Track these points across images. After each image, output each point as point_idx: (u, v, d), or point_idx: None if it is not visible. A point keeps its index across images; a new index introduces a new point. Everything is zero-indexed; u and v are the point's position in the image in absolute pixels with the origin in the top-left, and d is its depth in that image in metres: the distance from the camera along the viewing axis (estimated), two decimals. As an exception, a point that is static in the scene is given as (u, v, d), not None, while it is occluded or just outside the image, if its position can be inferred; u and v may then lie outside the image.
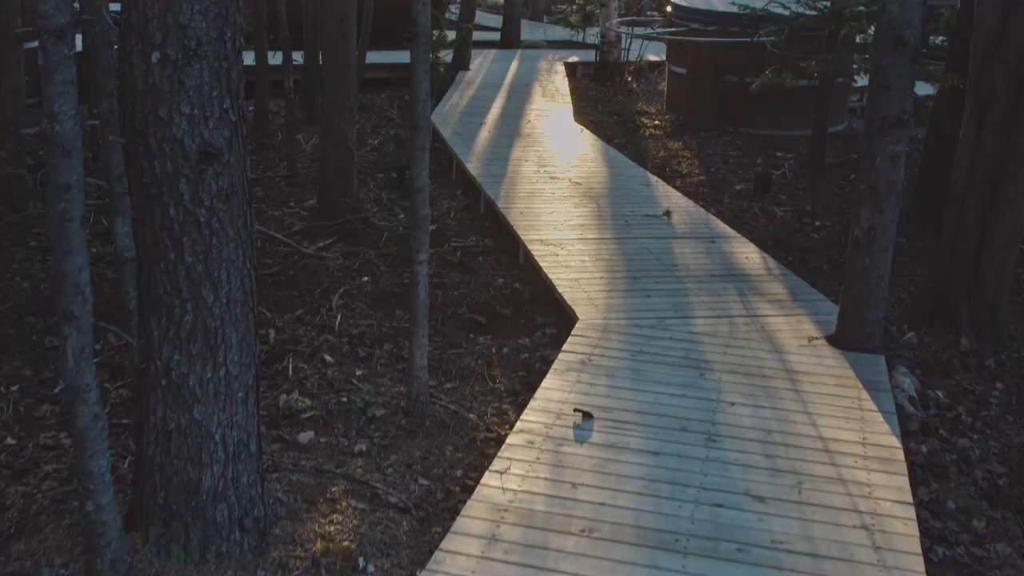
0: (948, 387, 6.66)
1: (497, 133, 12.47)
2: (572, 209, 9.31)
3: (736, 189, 11.40)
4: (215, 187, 3.67)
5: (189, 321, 3.78)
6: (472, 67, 17.65)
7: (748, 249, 8.51)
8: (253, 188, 10.18)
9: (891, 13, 5.84)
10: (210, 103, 3.57)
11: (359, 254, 8.57)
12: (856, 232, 6.39)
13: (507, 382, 6.39)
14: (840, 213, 10.69)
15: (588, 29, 22.05)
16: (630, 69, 18.40)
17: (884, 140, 6.06)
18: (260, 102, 12.87)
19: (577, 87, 17.39)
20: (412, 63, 4.98)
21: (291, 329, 6.99)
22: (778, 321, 6.96)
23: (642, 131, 14.29)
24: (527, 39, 21.88)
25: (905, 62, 5.90)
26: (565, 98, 15.24)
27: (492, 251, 8.82)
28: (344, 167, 9.01)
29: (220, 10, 3.51)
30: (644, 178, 10.62)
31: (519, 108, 14.26)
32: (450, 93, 15.28)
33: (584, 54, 20.02)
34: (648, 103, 16.64)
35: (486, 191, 9.74)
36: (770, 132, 14.14)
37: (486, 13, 27.41)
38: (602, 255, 8.09)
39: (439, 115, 13.54)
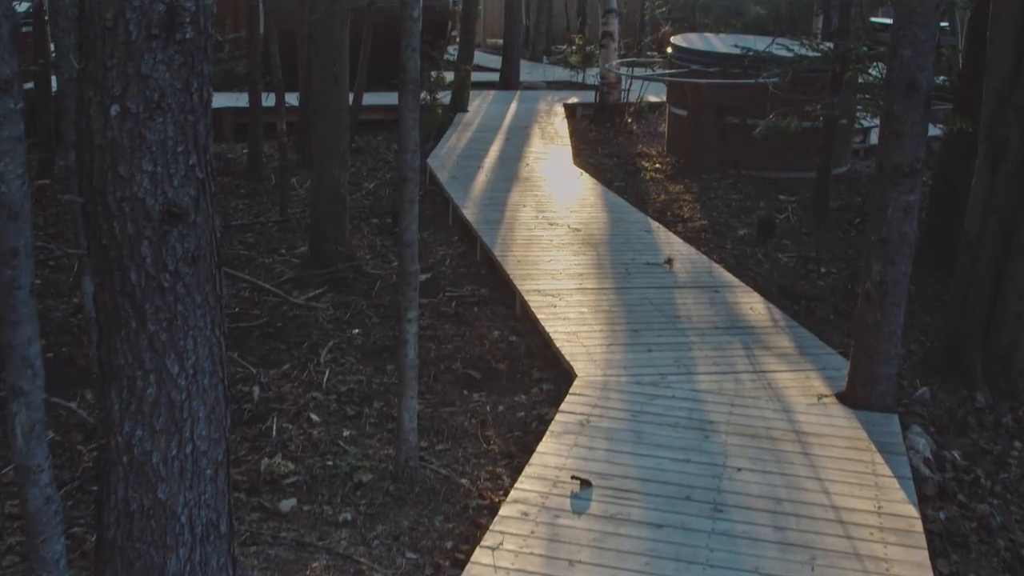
0: (964, 447, 6.35)
1: (495, 177, 12.23)
2: (571, 257, 9.03)
3: (739, 234, 11.15)
4: (180, 250, 3.38)
5: (152, 394, 3.49)
6: (471, 108, 17.47)
7: (752, 299, 8.22)
8: (245, 235, 9.93)
9: (903, 57, 5.59)
10: (175, 159, 3.29)
11: (351, 304, 8.28)
12: (867, 285, 6.10)
13: (502, 443, 6.09)
14: (846, 259, 10.44)
15: (588, 70, 21.92)
16: (630, 110, 18.22)
17: (896, 190, 5.79)
18: (253, 145, 12.66)
19: (577, 129, 17.19)
20: (401, 111, 4.73)
21: (277, 386, 6.69)
22: (785, 377, 6.66)
23: (643, 174, 14.06)
24: (527, 80, 21.75)
25: (918, 108, 5.65)
26: (564, 140, 15.02)
27: (488, 301, 8.54)
28: (336, 214, 8.75)
29: (185, 59, 3.24)
30: (645, 224, 10.35)
31: (518, 151, 14.03)
32: (448, 135, 15.07)
33: (584, 95, 19.87)
34: (648, 145, 16.44)
35: (482, 238, 9.47)
36: (772, 174, 13.93)
37: (486, 54, 27.33)
38: (602, 306, 7.80)
39: (436, 158, 13.31)
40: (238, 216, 11.13)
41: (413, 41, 4.55)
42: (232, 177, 12.85)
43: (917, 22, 5.51)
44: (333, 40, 8.28)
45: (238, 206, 11.57)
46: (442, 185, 11.74)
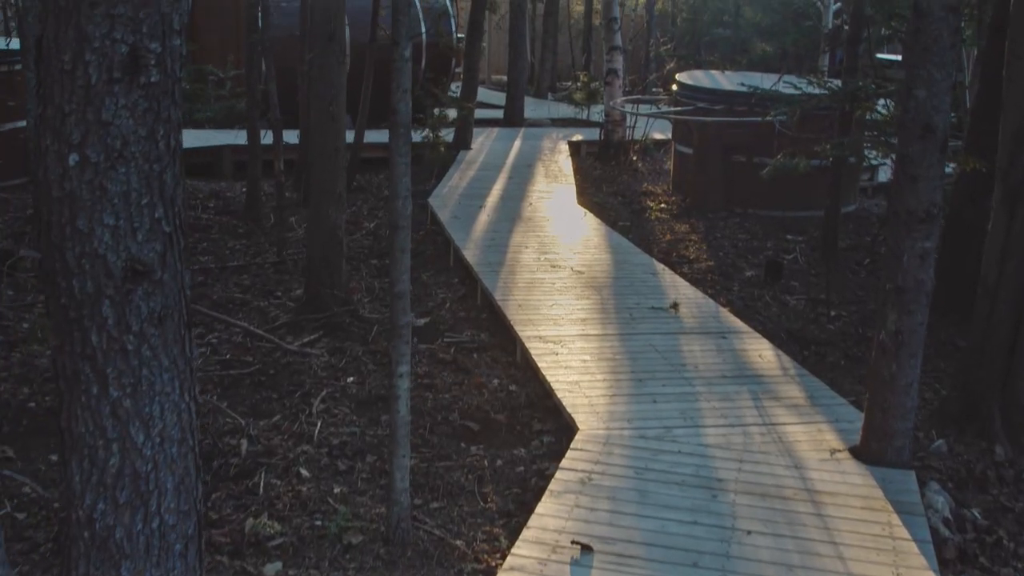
0: (985, 504, 6.06)
1: (497, 217, 12.00)
2: (574, 301, 8.77)
3: (746, 276, 10.90)
4: (145, 310, 3.13)
5: (115, 465, 3.22)
6: (474, 146, 17.28)
7: (761, 345, 7.95)
8: (241, 276, 9.68)
9: (918, 98, 5.35)
10: (139, 212, 3.04)
11: (346, 350, 8.02)
12: (882, 336, 5.83)
13: (499, 501, 5.80)
14: (856, 301, 10.19)
15: (592, 107, 21.77)
16: (635, 148, 18.02)
17: (912, 236, 5.54)
18: (252, 183, 12.45)
19: (581, 166, 16.99)
20: (392, 155, 4.49)
21: (266, 438, 6.42)
22: (796, 430, 6.37)
23: (648, 213, 13.83)
24: (531, 117, 21.60)
25: (934, 151, 5.40)
26: (568, 179, 14.81)
27: (488, 347, 8.27)
28: (332, 257, 8.51)
29: (150, 104, 3.00)
30: (650, 266, 10.10)
31: (521, 190, 13.82)
32: (450, 174, 14.86)
33: (588, 132, 19.69)
34: (654, 183, 16.23)
35: (483, 281, 9.22)
36: (779, 213, 13.72)
37: (490, 90, 27.23)
38: (605, 354, 7.53)
39: (438, 197, 13.09)
40: (235, 257, 10.90)
41: (404, 82, 4.32)
42: (230, 216, 12.63)
43: (932, 62, 5.28)
44: (330, 79, 8.07)
45: (235, 246, 11.34)
46: (443, 225, 11.51)
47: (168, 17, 3.00)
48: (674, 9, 29.46)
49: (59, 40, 2.93)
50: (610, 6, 18.54)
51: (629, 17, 29.97)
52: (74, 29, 2.91)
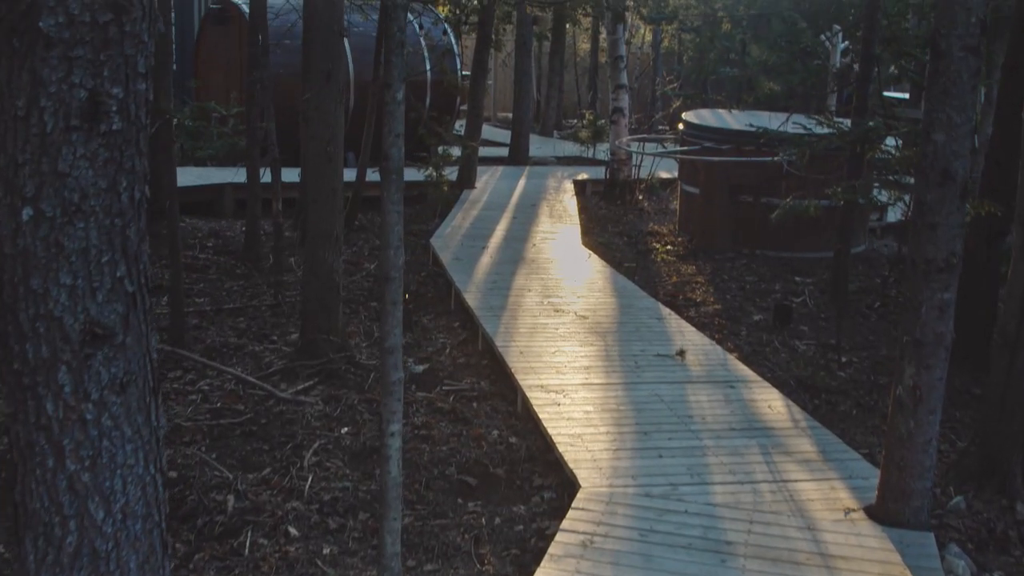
0: (1006, 567, 5.76)
1: (500, 258, 11.76)
2: (577, 348, 8.50)
3: (754, 320, 10.65)
4: (106, 376, 2.88)
5: (72, 543, 2.96)
6: (478, 185, 17.09)
7: (771, 396, 7.68)
8: (237, 319, 9.44)
9: (936, 143, 5.11)
10: (98, 271, 2.80)
11: (341, 399, 7.76)
12: (899, 391, 5.56)
13: (497, 563, 5.52)
14: (867, 347, 9.93)
15: (598, 145, 21.62)
16: (641, 187, 17.83)
17: (930, 287, 5.28)
18: (251, 223, 12.24)
19: (586, 206, 16.80)
20: (383, 203, 4.25)
21: (255, 493, 6.15)
22: (808, 488, 6.09)
23: (654, 254, 13.60)
24: (536, 155, 21.45)
25: (953, 198, 5.16)
26: (573, 219, 14.59)
27: (488, 396, 8.00)
28: (329, 301, 8.27)
29: (112, 154, 2.76)
30: (655, 310, 9.84)
31: (524, 230, 13.60)
32: (453, 214, 14.65)
33: (594, 171, 19.53)
34: (660, 223, 16.02)
35: (484, 326, 8.96)
36: (787, 254, 13.50)
37: (496, 128, 27.12)
38: (608, 404, 7.26)
39: (440, 238, 12.87)
40: (232, 299, 10.67)
41: (396, 126, 4.09)
42: (229, 256, 12.42)
43: (951, 104, 5.04)
44: (327, 118, 7.86)
45: (233, 287, 11.11)
46: (445, 267, 11.28)
47: (132, 60, 2.77)
48: (680, 47, 29.38)
49: (12, 84, 2.70)
50: (616, 45, 18.42)
51: (635, 55, 29.90)
52: (28, 72, 2.67)
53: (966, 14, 4.92)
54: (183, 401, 7.64)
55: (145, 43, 2.79)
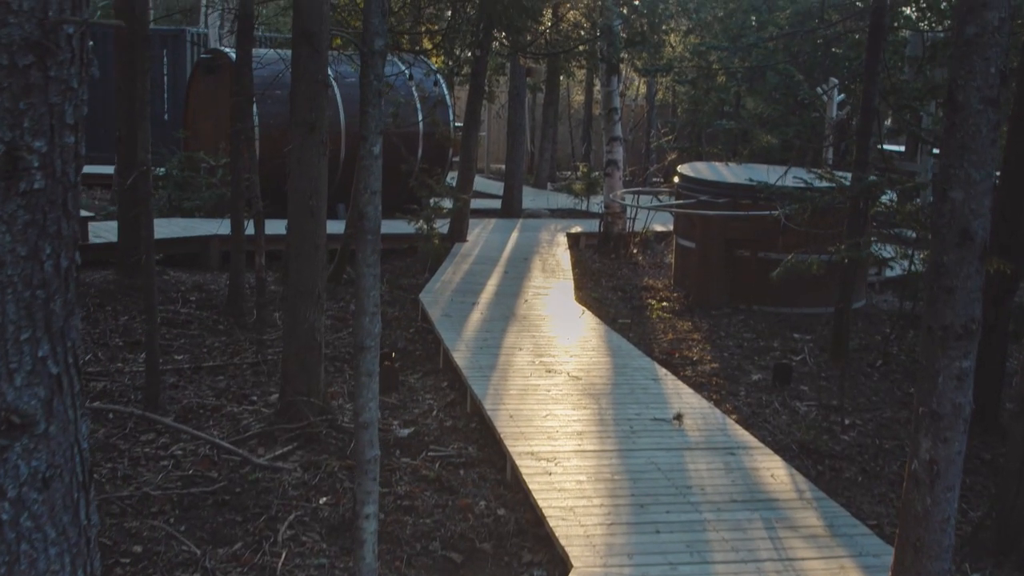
0: (1030, 654, 5.37)
1: (491, 315, 11.41)
2: (570, 412, 8.11)
3: (753, 379, 10.30)
4: (25, 470, 2.51)
5: (-14, 663, 2.59)
6: (470, 238, 16.78)
7: (773, 463, 7.29)
8: (216, 378, 9.06)
9: (954, 201, 4.77)
10: (16, 350, 2.44)
11: (321, 465, 7.36)
12: (915, 466, 5.18)
13: (482, 651, 5.12)
14: (870, 408, 9.58)
15: (592, 197, 21.38)
16: (635, 241, 17.53)
17: (947, 355, 4.92)
18: (235, 277, 11.88)
19: (580, 260, 16.49)
20: (358, 265, 3.92)
21: (223, 572, 5.74)
22: (817, 567, 5.69)
23: (648, 310, 13.25)
24: (529, 207, 21.20)
25: (972, 260, 4.81)
26: (566, 273, 14.26)
27: (476, 462, 7.60)
28: (309, 362, 7.89)
29: (33, 216, 2.42)
30: (651, 370, 9.46)
31: (516, 285, 13.26)
32: (444, 268, 14.32)
33: (588, 223, 19.27)
34: (654, 277, 15.71)
35: (472, 388, 8.58)
36: (786, 310, 13.17)
37: (489, 180, 26.93)
38: (603, 473, 6.86)
39: (429, 293, 12.52)
40: (212, 356, 10.29)
41: (372, 183, 3.76)
42: (212, 311, 12.05)
43: (970, 160, 4.71)
44: (309, 171, 7.54)
45: (214, 344, 10.73)
46: (433, 324, 10.92)
47: (58, 108, 2.43)
48: (674, 99, 29.24)
49: (-83, 136, 2.36)
50: (610, 97, 18.21)
51: (629, 107, 29.78)
52: (-64, 123, 2.34)
53: (984, 64, 4.61)
54: (154, 467, 7.24)
55: (74, 90, 2.46)
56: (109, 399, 8.80)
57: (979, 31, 4.61)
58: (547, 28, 18.19)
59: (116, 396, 8.88)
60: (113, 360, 9.94)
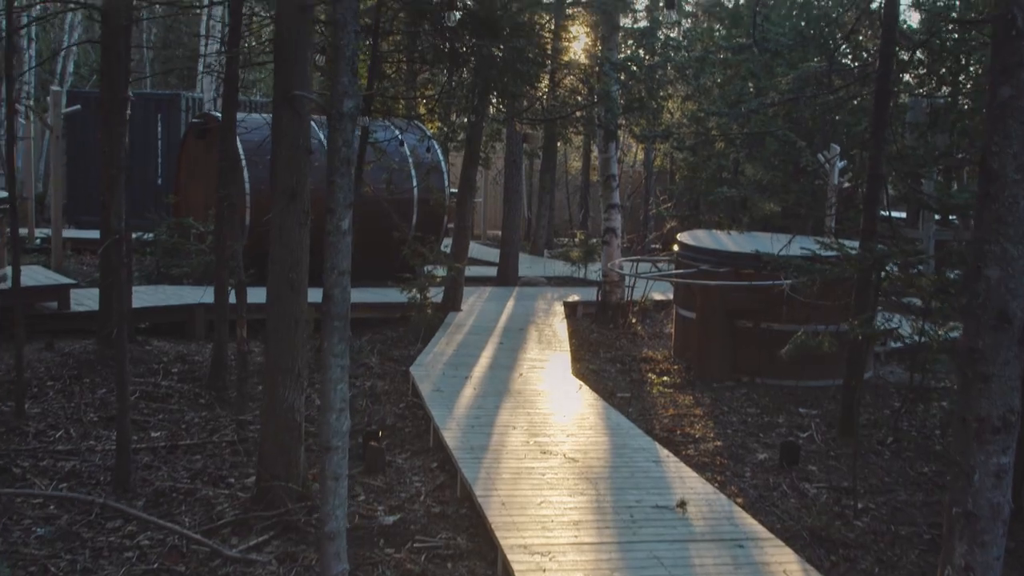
0: None
1: (484, 390, 10.90)
2: (566, 498, 7.57)
3: (759, 459, 9.81)
4: None
5: None
6: (464, 307, 16.35)
7: (784, 556, 6.75)
8: (193, 457, 8.54)
9: (989, 280, 4.33)
10: None
11: (298, 557, 6.83)
12: (948, 572, 4.68)
13: None
14: (883, 490, 9.08)
15: (590, 265, 21.00)
16: (634, 310, 17.10)
17: (984, 450, 4.45)
18: (218, 349, 11.41)
19: (577, 330, 16.05)
20: (324, 355, 3.45)
21: None
22: None
23: (648, 384, 12.78)
24: (526, 275, 20.81)
25: (1011, 344, 4.36)
26: (563, 345, 13.79)
27: (465, 555, 7.07)
28: (288, 444, 7.40)
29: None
30: (652, 451, 8.94)
31: (511, 358, 12.78)
32: (437, 338, 13.85)
33: (585, 292, 18.87)
34: (654, 348, 15.26)
35: (463, 471, 8.05)
36: (790, 383, 12.70)
37: (485, 246, 26.59)
38: (601, 569, 6.31)
39: (421, 366, 12.04)
40: (190, 433, 9.79)
41: (341, 262, 3.32)
42: (194, 384, 11.57)
43: (1007, 234, 4.28)
44: (290, 242, 7.10)
45: (193, 420, 10.24)
46: (424, 399, 10.42)
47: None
48: (673, 166, 28.98)
49: None
50: (608, 163, 17.90)
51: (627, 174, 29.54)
52: None
53: (1021, 129, 4.20)
54: (117, 559, 6.71)
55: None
56: (78, 481, 8.29)
57: (1015, 93, 4.20)
58: (544, 94, 17.92)
59: (85, 478, 8.37)
60: (86, 437, 9.44)
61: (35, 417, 9.88)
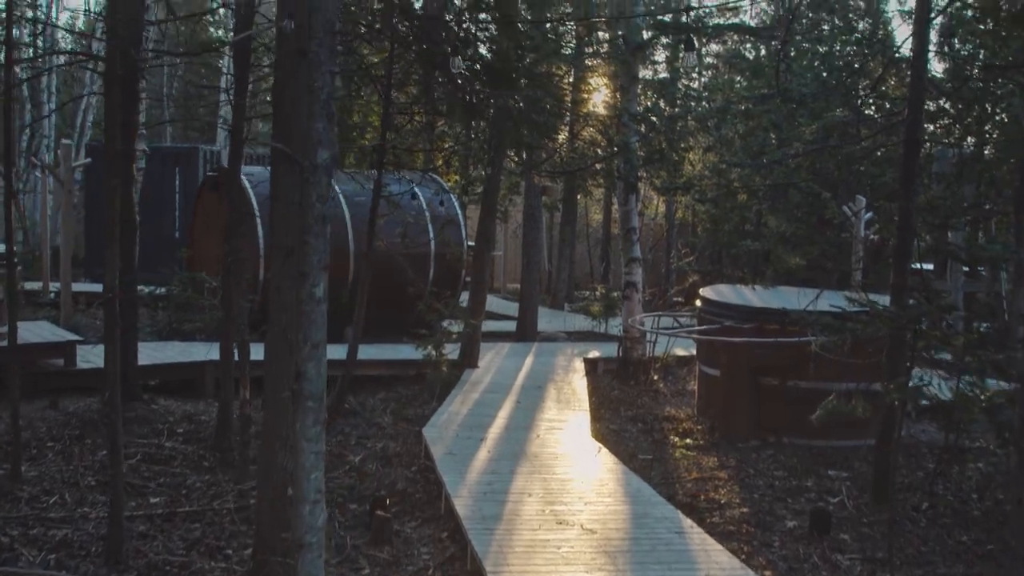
0: None
1: (498, 453, 10.45)
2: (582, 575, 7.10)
3: (787, 526, 9.32)
4: None
5: None
6: (481, 364, 15.93)
7: (820, 642, 6.25)
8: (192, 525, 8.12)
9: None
10: None
11: (293, 640, 6.36)
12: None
13: None
14: (921, 562, 8.57)
15: (610, 319, 20.56)
16: (656, 366, 16.63)
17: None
18: (223, 409, 11.01)
19: (598, 387, 15.59)
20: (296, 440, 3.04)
21: None
22: None
23: (671, 446, 12.28)
24: (545, 330, 20.40)
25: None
26: (582, 404, 13.33)
27: (474, 638, 6.61)
28: (286, 516, 6.94)
29: None
30: (675, 521, 8.43)
31: (528, 418, 12.32)
32: (452, 396, 13.42)
33: (606, 347, 18.44)
34: (677, 406, 14.77)
35: (473, 543, 7.57)
36: (818, 443, 12.16)
37: (504, 300, 26.22)
38: (620, 658, 5.84)
39: (434, 427, 11.60)
40: (190, 498, 9.38)
41: (315, 333, 2.92)
42: (199, 445, 11.16)
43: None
44: (286, 301, 6.72)
45: (195, 484, 9.82)
46: (435, 463, 9.97)
47: None
48: (694, 218, 28.60)
49: None
50: (628, 216, 17.50)
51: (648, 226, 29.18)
52: None
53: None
54: (100, 643, 6.28)
55: None
56: (68, 552, 7.89)
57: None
58: (562, 145, 17.61)
59: (76, 548, 7.97)
60: (81, 503, 9.04)
61: (31, 481, 9.49)
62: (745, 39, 26.88)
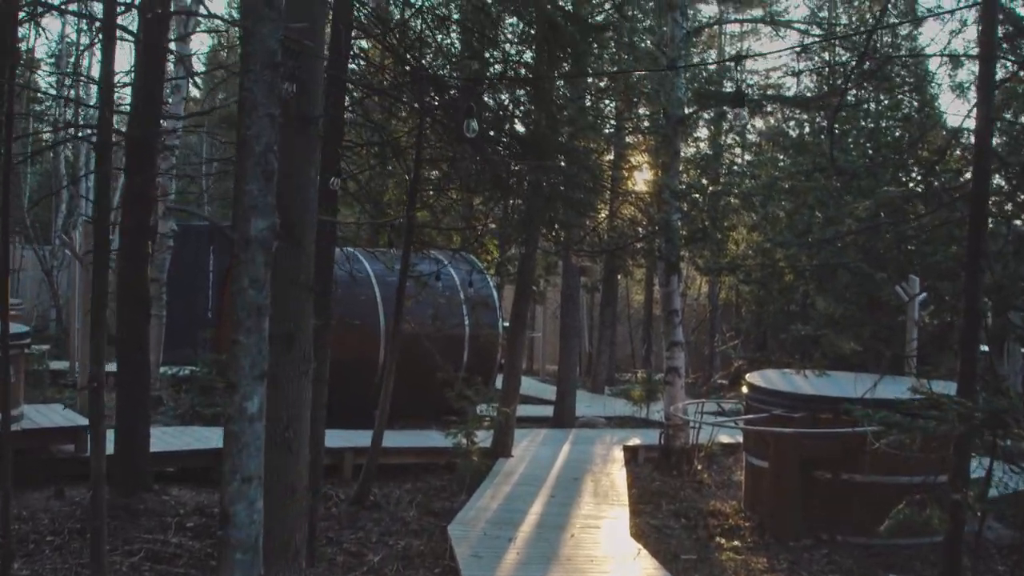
0: None
1: (528, 555, 9.59)
2: None
3: (849, 644, 8.38)
4: None
5: None
6: (515, 452, 15.10)
7: None
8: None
9: None
10: None
11: None
12: None
13: None
14: None
15: (652, 404, 19.71)
16: (699, 455, 15.72)
17: None
18: (234, 505, 10.24)
19: (638, 477, 14.72)
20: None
21: None
22: None
23: (716, 545, 11.37)
24: (584, 415, 19.59)
25: None
26: (621, 498, 12.47)
27: None
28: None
29: None
30: (723, 639, 7.57)
31: (563, 513, 11.47)
32: (482, 489, 12.60)
33: (647, 434, 17.58)
34: (722, 499, 13.86)
35: (494, 670, 6.75)
36: (876, 542, 11.21)
37: (542, 383, 25.42)
38: None
39: (461, 523, 10.78)
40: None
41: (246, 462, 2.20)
42: (208, 541, 10.39)
43: None
44: (285, 396, 6.01)
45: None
46: (459, 567, 9.15)
47: None
48: (738, 299, 27.75)
49: None
50: (670, 298, 16.71)
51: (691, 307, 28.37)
52: None
53: None
54: None
55: None
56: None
57: None
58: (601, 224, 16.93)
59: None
60: (71, 610, 8.30)
61: (21, 583, 8.78)
62: (789, 113, 26.21)
